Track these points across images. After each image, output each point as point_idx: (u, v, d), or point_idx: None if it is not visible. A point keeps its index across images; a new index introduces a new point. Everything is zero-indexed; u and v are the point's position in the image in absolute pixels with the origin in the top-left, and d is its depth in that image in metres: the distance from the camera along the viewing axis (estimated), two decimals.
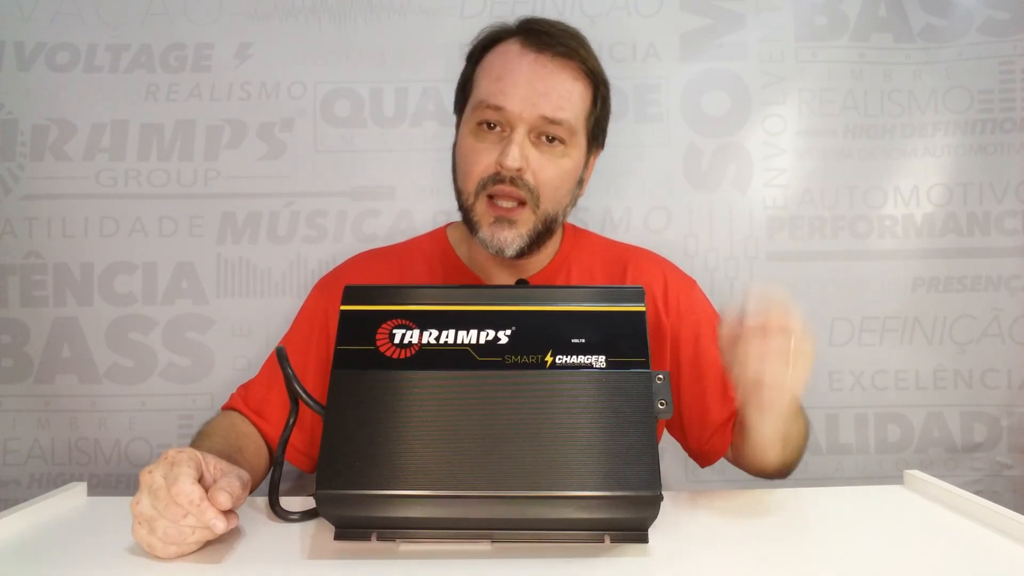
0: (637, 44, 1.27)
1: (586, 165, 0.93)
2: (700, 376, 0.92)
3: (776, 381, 0.66)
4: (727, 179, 1.26)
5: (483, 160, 0.85)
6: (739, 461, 0.90)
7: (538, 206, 0.86)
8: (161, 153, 1.23)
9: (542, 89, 0.83)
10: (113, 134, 1.23)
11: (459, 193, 0.89)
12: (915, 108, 1.27)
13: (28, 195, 1.22)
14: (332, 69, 1.25)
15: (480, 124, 0.86)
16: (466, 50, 0.92)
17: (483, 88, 0.86)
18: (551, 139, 0.85)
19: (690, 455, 0.98)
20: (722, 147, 1.26)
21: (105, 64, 1.23)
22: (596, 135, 0.92)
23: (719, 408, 0.91)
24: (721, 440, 0.92)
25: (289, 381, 0.65)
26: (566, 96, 0.85)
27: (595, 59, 0.89)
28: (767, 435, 0.76)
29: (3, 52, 1.22)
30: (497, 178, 0.84)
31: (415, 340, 0.63)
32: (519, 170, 0.83)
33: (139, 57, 1.23)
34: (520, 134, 0.83)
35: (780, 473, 0.87)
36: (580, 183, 0.92)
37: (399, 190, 1.25)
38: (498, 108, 0.83)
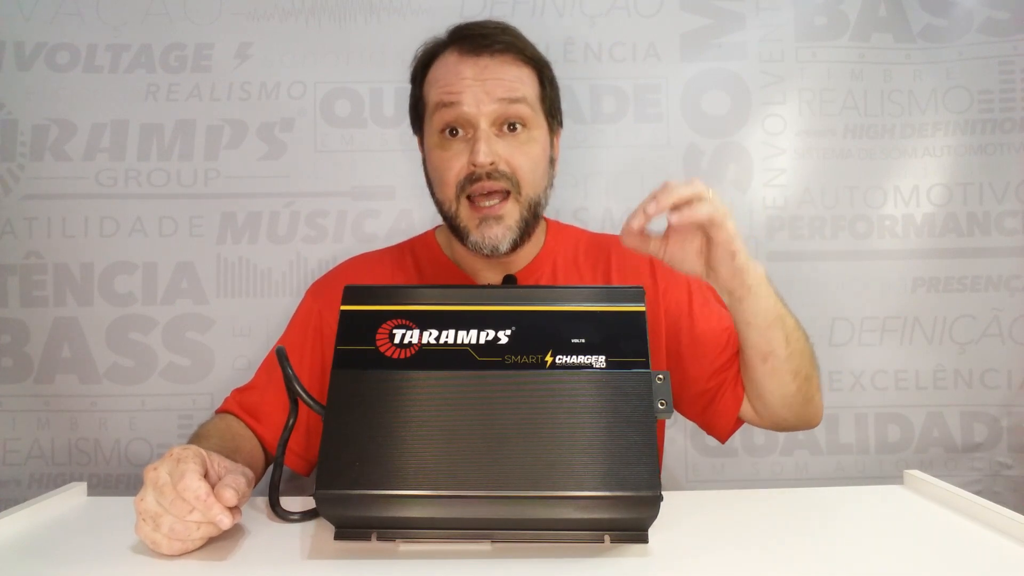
0: (637, 44, 1.27)
1: (552, 145, 0.94)
2: (700, 341, 0.92)
3: (717, 222, 0.72)
4: (727, 179, 1.26)
5: (455, 165, 0.87)
6: (761, 402, 0.86)
7: (520, 193, 0.87)
8: (161, 153, 1.23)
9: (491, 80, 0.86)
10: (113, 134, 1.23)
11: (440, 203, 0.91)
12: (915, 108, 1.27)
13: (28, 195, 1.22)
14: (332, 69, 1.25)
15: (443, 132, 0.87)
16: (409, 74, 0.95)
17: (435, 97, 0.88)
18: (513, 127, 0.87)
19: (706, 429, 0.95)
20: (722, 147, 1.26)
21: (105, 64, 1.23)
22: (553, 114, 0.94)
23: (723, 368, 0.90)
24: (731, 400, 0.90)
25: (289, 381, 0.65)
26: (515, 79, 0.88)
27: (531, 46, 0.92)
28: (758, 309, 0.78)
29: (3, 52, 1.22)
30: (473, 177, 0.85)
31: (415, 340, 0.63)
32: (492, 164, 0.85)
33: (139, 57, 1.23)
34: (484, 130, 0.85)
35: (803, 400, 0.84)
36: (552, 163, 0.94)
37: (399, 190, 1.25)
38: (454, 104, 0.85)
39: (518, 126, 0.87)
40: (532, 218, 0.90)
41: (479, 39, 0.88)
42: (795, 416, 0.87)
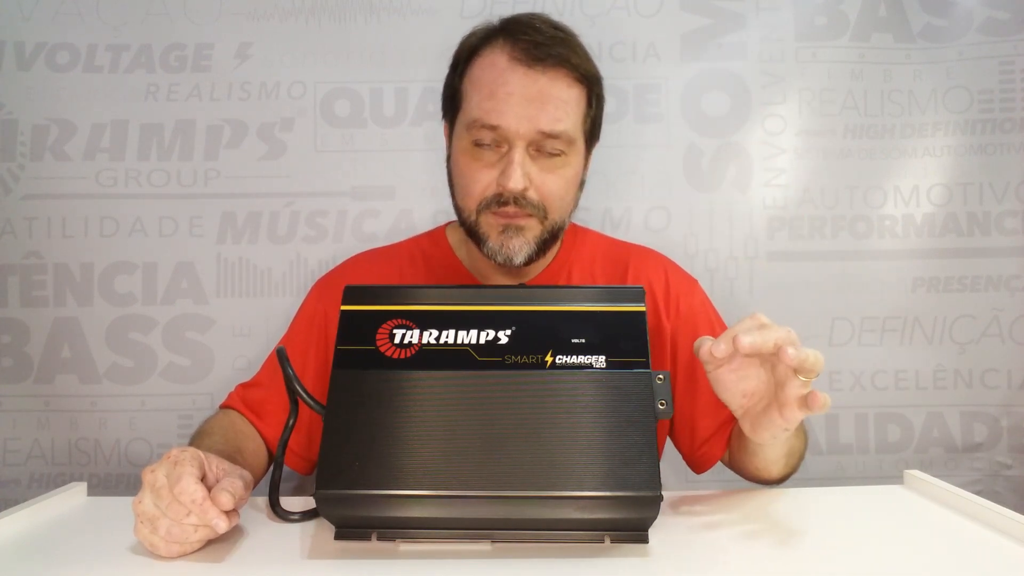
0: (637, 44, 1.27)
1: (585, 166, 0.92)
2: (694, 382, 0.91)
3: (790, 417, 0.62)
4: (727, 179, 1.26)
5: (482, 179, 0.83)
6: (738, 470, 0.89)
7: (545, 218, 0.85)
8: (161, 153, 1.23)
9: (538, 103, 0.81)
10: (113, 134, 1.22)
11: (460, 210, 0.88)
12: (915, 108, 1.27)
13: (28, 195, 1.22)
14: (332, 69, 1.25)
15: (475, 143, 0.84)
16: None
17: (475, 105, 0.83)
18: (550, 151, 0.84)
19: (683, 457, 0.97)
20: (722, 147, 1.26)
21: (105, 64, 1.23)
22: (593, 134, 0.91)
23: (712, 416, 0.90)
24: (713, 448, 0.91)
25: (289, 381, 0.65)
26: (562, 107, 0.82)
27: (586, 59, 0.86)
28: (772, 457, 0.77)
29: (3, 52, 1.22)
30: (500, 199, 0.83)
31: (415, 340, 0.63)
32: (523, 189, 0.82)
33: (139, 57, 1.23)
34: (519, 152, 0.81)
35: (780, 481, 0.86)
36: (581, 185, 0.92)
37: (399, 190, 1.25)
38: (494, 127, 0.81)
39: (555, 151, 0.84)
40: (552, 239, 0.88)
41: (533, 48, 0.81)
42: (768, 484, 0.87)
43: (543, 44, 0.82)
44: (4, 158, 1.21)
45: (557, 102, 0.82)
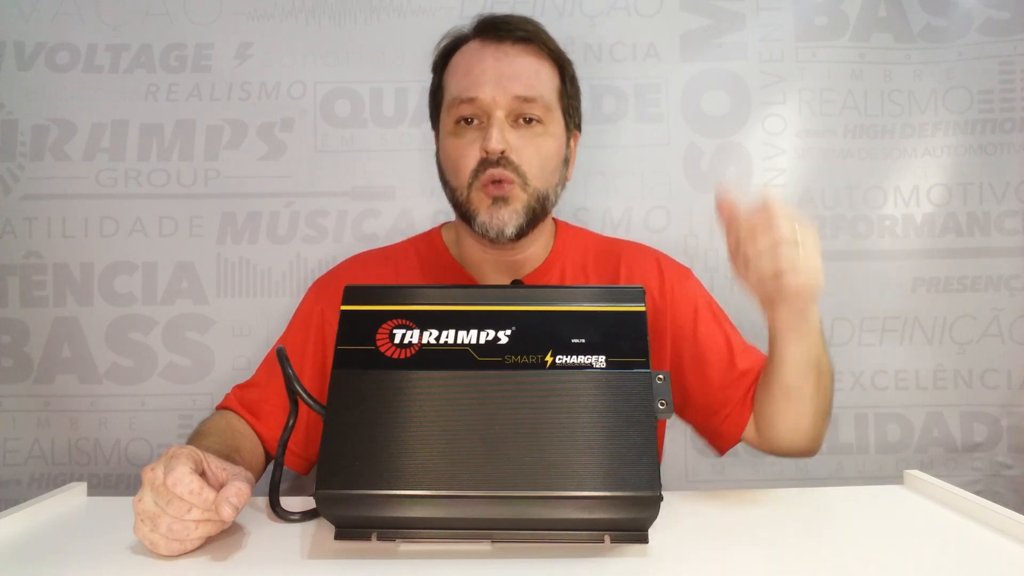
0: (637, 44, 1.27)
1: (568, 146, 0.94)
2: (702, 359, 0.92)
3: (793, 264, 0.68)
4: (727, 179, 1.26)
5: (469, 153, 0.87)
6: (768, 431, 0.86)
7: (527, 183, 0.87)
8: (161, 153, 1.23)
9: (510, 72, 0.86)
10: (113, 134, 1.23)
11: (452, 191, 0.90)
12: (915, 108, 1.27)
13: (28, 195, 1.22)
14: (332, 69, 1.25)
15: (458, 122, 0.88)
16: (431, 62, 0.95)
17: (453, 87, 0.89)
18: (528, 120, 0.87)
19: (706, 440, 0.96)
20: (722, 147, 1.26)
21: (105, 64, 1.23)
22: (571, 114, 0.94)
23: (729, 386, 0.90)
24: (735, 420, 0.90)
25: (289, 381, 0.65)
26: (534, 75, 0.88)
27: (554, 41, 0.92)
28: (800, 360, 0.76)
29: (3, 52, 1.22)
30: (485, 163, 0.86)
31: (415, 340, 0.63)
32: (503, 152, 0.85)
33: (139, 57, 1.23)
34: (498, 119, 0.85)
35: (813, 435, 0.84)
36: (566, 163, 0.93)
37: (399, 190, 1.25)
38: (472, 100, 0.86)
39: (533, 120, 0.87)
40: (540, 210, 0.89)
41: (503, 26, 0.88)
42: (798, 449, 0.87)
43: (511, 25, 0.89)
44: (4, 158, 1.21)
45: (529, 71, 0.88)
